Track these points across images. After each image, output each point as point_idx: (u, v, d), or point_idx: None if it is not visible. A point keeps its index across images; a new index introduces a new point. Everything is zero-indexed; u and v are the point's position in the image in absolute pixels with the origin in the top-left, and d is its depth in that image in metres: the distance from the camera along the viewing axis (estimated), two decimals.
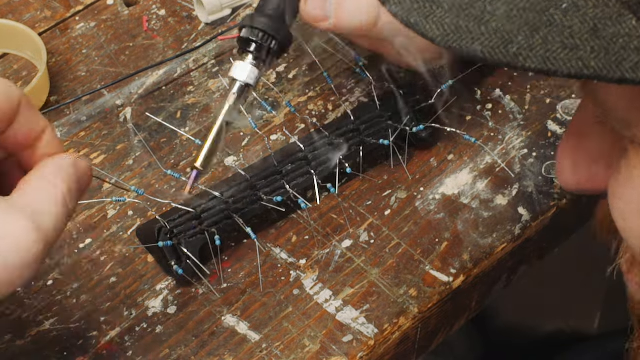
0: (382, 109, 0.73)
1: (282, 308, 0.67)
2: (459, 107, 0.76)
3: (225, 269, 0.69)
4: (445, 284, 0.68)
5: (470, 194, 0.73)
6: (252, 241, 0.69)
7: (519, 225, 0.71)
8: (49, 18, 0.84)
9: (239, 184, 0.69)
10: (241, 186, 0.69)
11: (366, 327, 0.66)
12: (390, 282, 0.68)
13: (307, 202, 0.70)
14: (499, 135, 0.76)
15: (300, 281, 0.69)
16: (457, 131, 0.75)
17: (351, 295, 0.68)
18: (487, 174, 0.74)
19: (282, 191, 0.70)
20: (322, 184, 0.71)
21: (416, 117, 0.73)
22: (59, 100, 0.79)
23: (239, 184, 0.69)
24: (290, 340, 0.66)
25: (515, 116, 0.77)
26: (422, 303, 0.67)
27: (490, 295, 0.74)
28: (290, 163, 0.71)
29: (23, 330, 0.66)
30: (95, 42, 0.83)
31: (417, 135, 0.73)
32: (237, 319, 0.67)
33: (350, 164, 0.71)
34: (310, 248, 0.70)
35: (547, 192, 0.72)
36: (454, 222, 0.71)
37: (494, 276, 0.72)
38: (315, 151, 0.71)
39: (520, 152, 0.75)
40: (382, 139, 0.72)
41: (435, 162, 0.74)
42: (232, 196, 0.69)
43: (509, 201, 0.72)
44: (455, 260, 0.69)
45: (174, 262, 0.66)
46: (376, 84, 0.74)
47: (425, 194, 0.73)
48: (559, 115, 0.77)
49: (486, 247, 0.70)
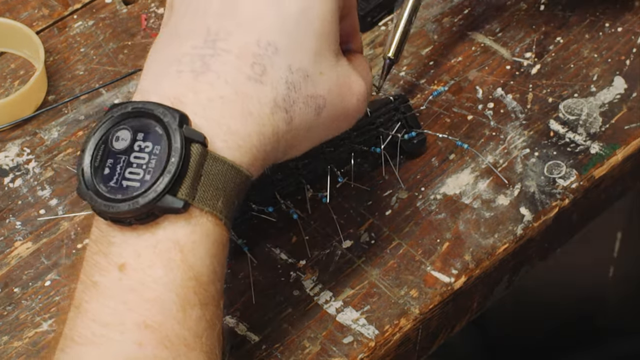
0: (373, 115, 0.73)
1: (281, 309, 0.67)
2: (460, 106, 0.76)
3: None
4: (447, 284, 0.68)
5: (471, 194, 0.72)
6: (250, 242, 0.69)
7: (520, 226, 0.71)
8: (46, 16, 0.83)
9: None
10: None
11: (367, 328, 0.66)
12: (391, 282, 0.68)
13: (298, 212, 0.70)
14: (500, 135, 0.75)
15: (300, 282, 0.68)
16: (449, 137, 0.74)
17: (351, 296, 0.67)
18: (488, 173, 0.73)
19: (272, 201, 0.69)
20: (314, 192, 0.71)
21: (407, 123, 0.73)
22: (56, 99, 0.78)
23: None
24: (290, 341, 0.65)
25: (517, 115, 0.76)
26: (423, 304, 0.67)
27: (492, 296, 0.73)
28: (280, 172, 0.70)
29: (21, 331, 0.66)
30: (93, 41, 0.82)
31: (409, 142, 0.73)
32: (236, 319, 0.66)
33: (341, 172, 0.71)
34: (310, 248, 0.70)
35: (549, 192, 0.72)
36: (455, 223, 0.71)
37: (496, 277, 0.72)
38: (305, 159, 0.71)
39: (522, 151, 0.74)
40: (373, 147, 0.72)
41: (437, 161, 0.74)
42: None
43: (511, 201, 0.72)
44: (456, 261, 0.69)
45: None
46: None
47: (426, 194, 0.72)
48: (561, 114, 0.76)
49: (488, 248, 0.69)
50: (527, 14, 0.82)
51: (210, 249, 0.52)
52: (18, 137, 0.76)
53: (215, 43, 0.54)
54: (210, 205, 0.52)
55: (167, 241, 0.51)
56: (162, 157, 0.51)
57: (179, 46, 0.55)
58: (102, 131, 0.53)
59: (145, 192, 0.50)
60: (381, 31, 0.82)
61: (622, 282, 1.12)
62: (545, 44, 0.81)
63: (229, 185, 0.52)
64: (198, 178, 0.51)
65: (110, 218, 0.51)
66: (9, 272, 0.69)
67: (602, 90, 0.78)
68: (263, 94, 0.54)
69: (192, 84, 0.53)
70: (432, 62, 0.80)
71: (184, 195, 0.51)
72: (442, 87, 0.77)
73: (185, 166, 0.51)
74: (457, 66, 0.79)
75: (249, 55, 0.54)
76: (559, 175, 0.73)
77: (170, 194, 0.50)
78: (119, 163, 0.51)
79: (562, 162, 0.74)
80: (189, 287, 0.51)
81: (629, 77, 0.78)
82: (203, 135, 0.52)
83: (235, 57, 0.54)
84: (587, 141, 0.75)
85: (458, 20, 0.82)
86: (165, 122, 0.51)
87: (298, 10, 0.55)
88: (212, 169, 0.52)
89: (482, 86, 0.78)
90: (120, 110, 0.53)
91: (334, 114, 0.58)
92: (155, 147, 0.51)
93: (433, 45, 0.81)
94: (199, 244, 0.52)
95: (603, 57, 0.80)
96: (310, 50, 0.56)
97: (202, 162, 0.51)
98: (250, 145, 0.53)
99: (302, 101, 0.55)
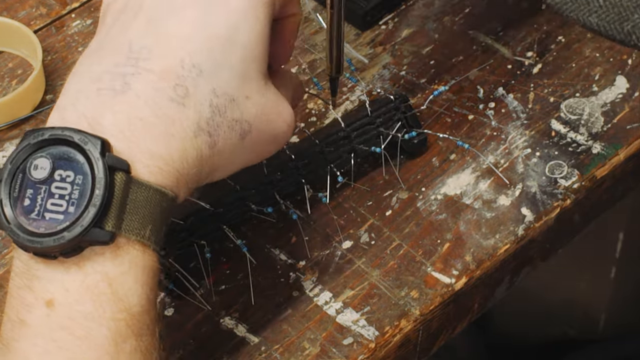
0: (373, 115, 0.72)
1: (281, 310, 0.67)
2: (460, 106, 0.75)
3: (224, 271, 0.69)
4: (447, 285, 0.67)
5: (472, 194, 0.72)
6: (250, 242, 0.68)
7: (522, 226, 0.70)
8: (44, 15, 0.83)
9: (227, 193, 0.68)
10: (230, 197, 0.68)
11: (367, 329, 0.65)
12: (391, 283, 0.68)
13: (298, 212, 0.70)
14: (501, 135, 0.75)
15: (300, 283, 0.68)
16: (450, 137, 0.74)
17: (351, 297, 0.67)
18: (489, 174, 0.73)
19: (272, 201, 0.69)
20: (314, 193, 0.70)
21: (408, 123, 0.72)
22: (54, 98, 0.78)
23: (228, 194, 0.68)
24: (290, 342, 0.65)
25: (519, 115, 0.76)
26: (424, 305, 0.66)
27: (493, 297, 0.73)
28: (279, 172, 0.69)
29: None
30: (91, 40, 0.81)
31: (409, 142, 0.72)
32: (235, 321, 0.66)
33: (341, 173, 0.71)
34: (309, 249, 0.69)
35: (551, 192, 0.72)
36: (456, 223, 0.70)
37: (497, 278, 0.71)
38: (305, 159, 0.70)
39: (524, 151, 0.74)
40: (373, 147, 0.71)
41: (437, 161, 0.74)
42: (221, 207, 0.67)
43: (512, 202, 0.71)
44: (457, 262, 0.68)
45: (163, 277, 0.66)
46: (367, 90, 0.74)
47: (427, 194, 0.72)
48: (563, 114, 0.76)
49: (489, 248, 0.69)
50: (529, 12, 0.82)
51: (140, 277, 0.51)
52: (16, 137, 0.76)
53: (138, 62, 0.52)
54: (138, 234, 0.50)
55: (94, 274, 0.49)
56: (86, 188, 0.49)
57: (101, 62, 0.53)
58: (20, 159, 0.50)
59: (70, 225, 0.49)
60: (382, 30, 0.81)
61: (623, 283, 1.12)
62: (546, 43, 0.80)
63: (155, 210, 0.51)
64: (124, 207, 0.50)
65: (34, 252, 0.49)
66: None
67: (604, 89, 0.77)
68: (185, 116, 0.52)
69: (111, 104, 0.51)
70: (433, 62, 0.79)
71: (110, 226, 0.49)
72: (443, 86, 0.77)
73: (110, 196, 0.49)
74: (458, 65, 0.79)
75: (172, 77, 0.52)
76: (560, 175, 0.73)
77: (97, 226, 0.49)
78: (40, 194, 0.49)
79: (564, 162, 0.73)
80: (120, 319, 0.50)
81: (631, 77, 0.78)
82: (127, 163, 0.50)
83: (157, 77, 0.52)
84: (589, 141, 0.74)
85: (459, 19, 0.82)
86: (86, 151, 0.49)
87: (226, 32, 0.54)
88: (137, 196, 0.50)
89: (483, 85, 0.78)
90: (37, 137, 0.50)
91: (260, 139, 0.56)
92: (77, 176, 0.49)
93: (434, 44, 0.80)
94: (127, 275, 0.50)
95: (605, 56, 0.79)
96: (237, 74, 0.54)
97: (127, 190, 0.50)
98: (173, 168, 0.52)
99: (226, 125, 0.54)
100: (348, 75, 0.77)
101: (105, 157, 0.49)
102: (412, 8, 0.83)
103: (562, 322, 1.17)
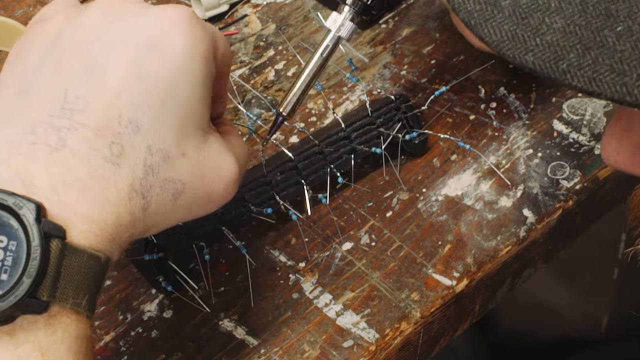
0: (374, 115, 0.72)
1: (280, 312, 0.66)
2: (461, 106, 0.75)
3: (223, 272, 0.68)
4: (448, 287, 0.67)
5: (473, 196, 0.71)
6: (249, 244, 0.68)
7: (523, 228, 0.70)
8: None
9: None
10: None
11: (367, 331, 0.65)
12: (392, 285, 0.67)
13: (297, 214, 0.69)
14: (503, 135, 0.74)
15: (300, 284, 0.67)
16: (450, 137, 0.74)
17: (352, 299, 0.67)
18: (491, 174, 0.72)
19: (271, 202, 0.68)
20: (314, 193, 0.70)
21: (409, 123, 0.72)
22: None
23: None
24: (289, 345, 0.65)
25: (520, 115, 0.76)
26: (425, 307, 0.66)
27: (495, 299, 0.73)
28: (279, 172, 0.69)
29: None
30: None
31: (410, 142, 0.72)
32: (234, 323, 0.66)
33: (341, 173, 0.70)
34: (309, 251, 0.69)
35: (553, 193, 0.71)
36: (457, 224, 0.70)
37: (498, 280, 0.71)
38: (305, 160, 0.70)
39: (525, 152, 0.73)
40: (374, 147, 0.71)
41: (438, 162, 0.73)
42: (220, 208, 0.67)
43: (514, 203, 0.71)
44: (458, 264, 0.68)
45: (162, 278, 0.65)
46: (368, 89, 0.73)
47: (428, 195, 0.72)
48: (565, 114, 0.76)
49: (490, 250, 0.69)
50: None
51: (72, 346, 0.49)
52: None
53: (73, 114, 0.50)
54: (71, 302, 0.48)
55: (26, 344, 0.47)
56: (20, 256, 0.47)
57: (34, 107, 0.51)
58: None
59: (4, 295, 0.46)
60: (382, 29, 0.81)
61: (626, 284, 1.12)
62: None
63: (89, 276, 0.49)
64: (58, 275, 0.48)
65: None
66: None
67: None
68: (119, 177, 0.50)
69: (45, 163, 0.49)
70: (434, 61, 0.79)
71: (44, 296, 0.47)
72: (444, 86, 0.76)
73: (45, 265, 0.47)
74: (459, 65, 0.79)
75: (109, 134, 0.51)
76: (562, 176, 0.72)
77: (31, 296, 0.47)
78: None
79: (566, 163, 0.73)
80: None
81: None
82: (62, 229, 0.48)
83: (93, 134, 0.50)
84: (591, 141, 0.74)
85: None
86: (21, 216, 0.47)
87: (165, 86, 0.52)
88: (72, 263, 0.48)
89: (485, 85, 0.77)
90: None
91: (194, 199, 0.54)
92: (10, 242, 0.47)
93: (435, 43, 0.80)
94: (60, 344, 0.48)
95: None
96: (174, 130, 0.53)
97: (61, 257, 0.48)
98: (107, 233, 0.50)
99: (158, 185, 0.52)
100: (348, 75, 0.77)
101: (41, 224, 0.47)
102: (413, 7, 0.83)
103: (563, 323, 1.16)
